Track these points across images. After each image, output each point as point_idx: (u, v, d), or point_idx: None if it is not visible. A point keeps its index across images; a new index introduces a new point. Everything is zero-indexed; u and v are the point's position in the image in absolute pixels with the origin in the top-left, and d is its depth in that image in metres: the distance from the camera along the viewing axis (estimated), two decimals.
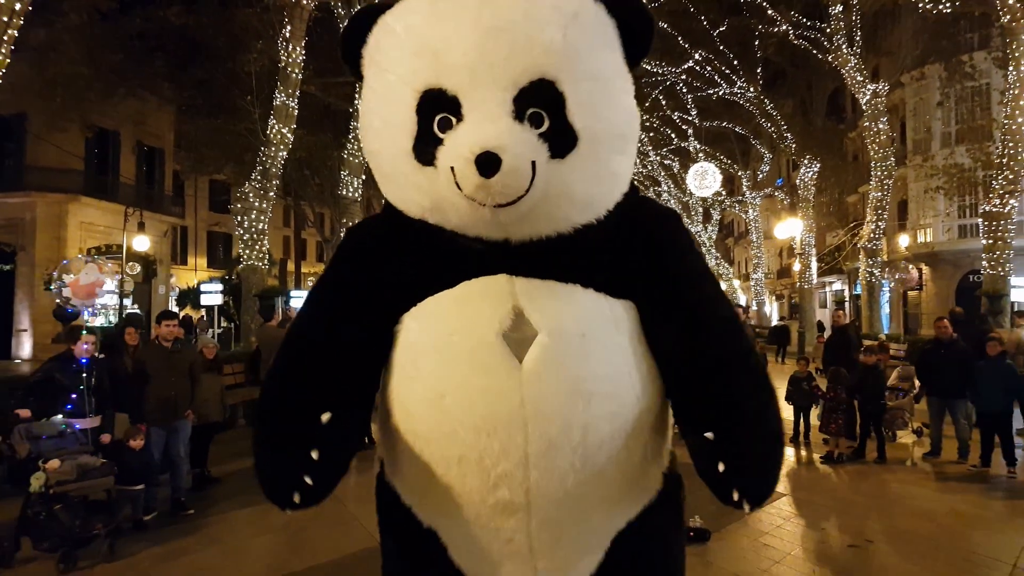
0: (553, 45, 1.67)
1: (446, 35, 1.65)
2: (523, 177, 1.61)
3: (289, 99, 14.92)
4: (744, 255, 46.92)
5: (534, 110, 1.65)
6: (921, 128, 26.31)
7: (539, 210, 1.72)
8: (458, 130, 1.64)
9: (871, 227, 20.31)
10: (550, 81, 1.65)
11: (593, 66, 1.75)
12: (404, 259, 1.90)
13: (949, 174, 19.55)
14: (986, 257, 15.41)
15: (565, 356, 1.76)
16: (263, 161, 14.97)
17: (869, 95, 19.71)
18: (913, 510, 6.34)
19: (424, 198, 1.79)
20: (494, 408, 1.74)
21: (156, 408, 6.25)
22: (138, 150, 25.52)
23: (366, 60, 1.86)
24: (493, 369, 1.74)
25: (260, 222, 14.97)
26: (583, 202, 1.83)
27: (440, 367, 1.79)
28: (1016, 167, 14.96)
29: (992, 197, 15.34)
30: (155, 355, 6.41)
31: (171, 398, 6.32)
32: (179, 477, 6.44)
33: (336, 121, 23.09)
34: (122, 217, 23.20)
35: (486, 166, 1.55)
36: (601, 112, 1.75)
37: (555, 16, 1.70)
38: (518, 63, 1.64)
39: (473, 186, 1.59)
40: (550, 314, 1.78)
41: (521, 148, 1.59)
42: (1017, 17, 14.47)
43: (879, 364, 8.51)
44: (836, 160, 27.19)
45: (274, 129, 14.90)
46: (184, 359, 6.55)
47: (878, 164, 19.89)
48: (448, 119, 1.66)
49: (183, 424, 6.45)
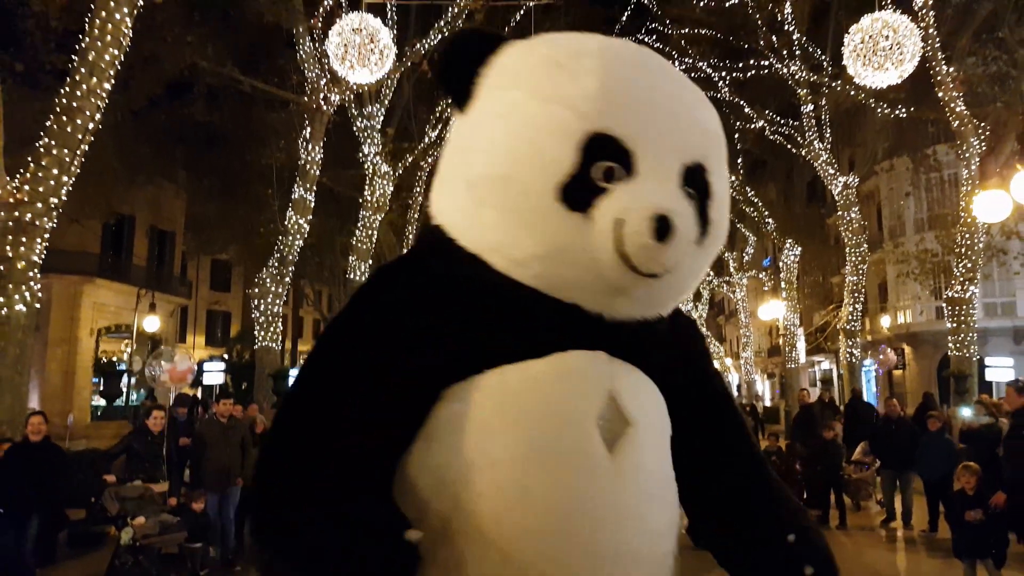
0: (711, 130, 1.68)
1: (632, 87, 1.56)
2: (686, 252, 1.51)
3: (307, 192, 16.53)
4: (735, 333, 48.37)
5: (690, 190, 1.57)
6: (894, 215, 28.27)
7: (661, 291, 1.61)
8: (633, 185, 1.48)
9: (849, 309, 21.84)
10: (704, 167, 1.60)
11: (724, 165, 1.73)
12: (460, 316, 1.56)
13: (920, 260, 21.24)
14: (952, 340, 16.84)
15: (651, 454, 1.63)
16: (280, 249, 16.44)
17: (841, 186, 21.59)
18: (870, 571, 7.49)
19: (542, 244, 1.51)
20: (584, 506, 1.48)
21: (212, 475, 7.43)
22: (151, 233, 27.09)
23: (492, 80, 1.62)
24: (587, 461, 1.49)
25: (275, 305, 16.32)
26: (686, 294, 1.80)
27: (523, 454, 1.47)
28: (974, 256, 16.55)
29: (954, 284, 16.88)
30: (212, 428, 7.64)
31: (225, 467, 7.51)
32: (229, 538, 7.56)
33: (341, 207, 24.78)
34: (131, 297, 24.64)
35: (662, 230, 1.41)
36: (724, 211, 1.70)
37: (708, 104, 1.71)
38: (692, 139, 1.61)
39: (640, 246, 1.43)
40: (642, 404, 1.63)
41: (691, 223, 1.50)
42: (965, 123, 16.33)
43: (836, 439, 9.74)
44: (817, 244, 29.01)
45: (292, 220, 16.43)
46: (237, 432, 7.77)
47: (852, 250, 21.60)
48: (614, 170, 1.48)
49: (234, 490, 7.61)
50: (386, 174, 18.92)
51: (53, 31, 16.13)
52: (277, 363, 16.73)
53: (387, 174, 18.97)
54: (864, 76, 12.72)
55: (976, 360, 17.08)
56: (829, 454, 9.49)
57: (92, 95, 10.36)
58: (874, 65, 12.19)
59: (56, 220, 10.74)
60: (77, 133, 10.32)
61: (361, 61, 12.35)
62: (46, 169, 10.11)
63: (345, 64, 12.47)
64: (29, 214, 10.03)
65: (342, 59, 12.54)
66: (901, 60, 12.15)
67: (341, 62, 12.57)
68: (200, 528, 6.96)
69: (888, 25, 12.25)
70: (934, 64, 15.43)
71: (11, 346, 9.91)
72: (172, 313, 28.87)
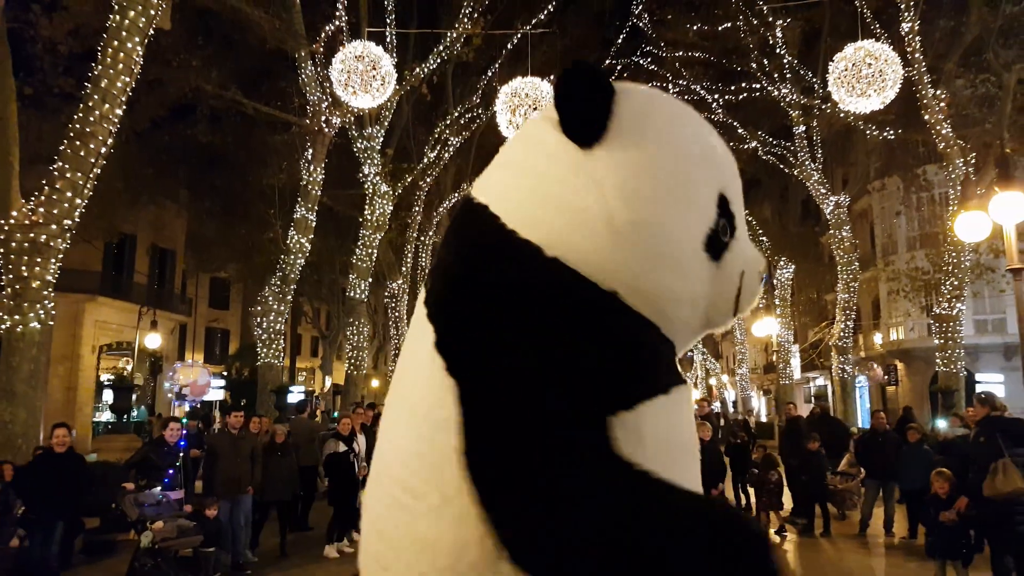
0: None
1: (724, 153, 1.67)
2: None
3: (309, 212, 17.04)
4: (731, 350, 48.83)
5: None
6: (886, 233, 28.85)
7: None
8: (741, 242, 1.62)
9: (840, 327, 22.37)
10: None
11: None
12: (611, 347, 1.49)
13: (911, 277, 21.76)
14: (939, 356, 17.35)
15: None
16: (283, 268, 16.92)
17: (832, 205, 22.17)
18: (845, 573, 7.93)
19: (681, 288, 1.57)
20: None
21: (223, 484, 7.86)
22: (152, 251, 27.57)
23: (627, 126, 1.57)
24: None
25: (278, 323, 16.77)
26: None
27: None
28: (960, 274, 17.10)
29: (941, 301, 17.40)
30: (223, 440, 8.08)
31: (235, 476, 7.94)
32: (239, 543, 7.97)
33: (340, 226, 25.32)
34: (133, 315, 25.07)
35: (764, 281, 1.62)
36: None
37: None
38: None
39: (753, 294, 1.62)
40: None
41: None
42: (951, 145, 16.92)
43: (820, 450, 10.19)
44: (811, 262, 29.56)
45: (293, 239, 16.93)
46: (247, 443, 8.21)
47: (844, 268, 22.15)
48: (727, 227, 1.60)
49: (245, 498, 8.04)
50: (386, 194, 19.45)
51: (61, 55, 16.75)
52: (279, 379, 17.13)
53: (387, 194, 19.51)
54: (848, 103, 13.33)
55: (964, 376, 17.55)
56: (813, 465, 9.93)
57: (104, 120, 10.87)
58: (857, 92, 12.79)
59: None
60: (90, 157, 10.81)
61: (364, 87, 12.93)
62: (60, 192, 10.60)
63: (348, 90, 13.03)
64: (44, 235, 10.51)
65: (345, 85, 13.12)
66: (883, 87, 12.76)
67: (344, 88, 13.14)
68: (213, 534, 7.38)
69: (870, 54, 12.87)
70: (920, 88, 16.03)
71: (25, 363, 10.36)
72: (172, 331, 29.28)
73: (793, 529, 10.06)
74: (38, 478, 6.69)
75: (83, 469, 7.39)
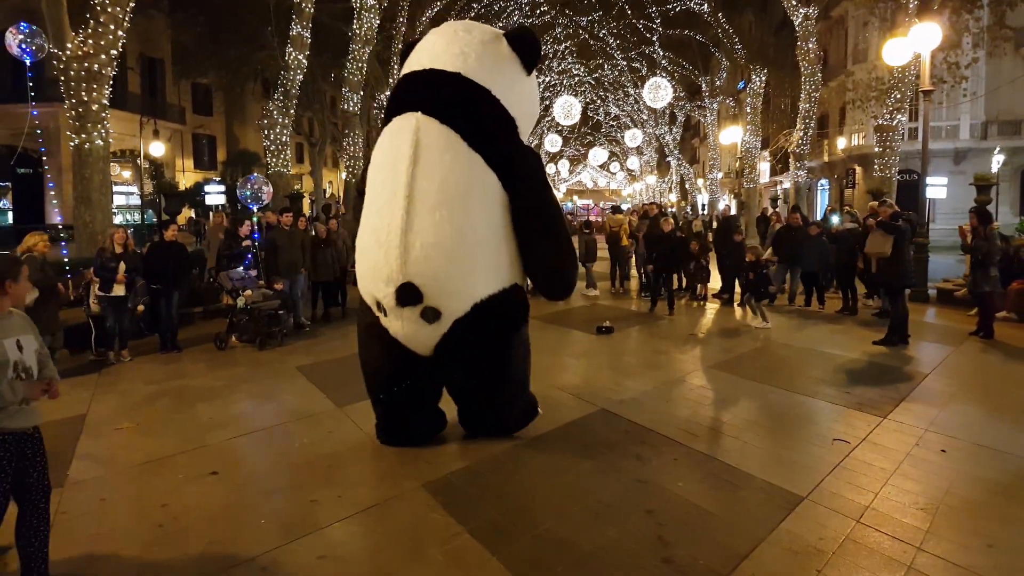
0: None
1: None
2: None
3: (304, 30, 18.60)
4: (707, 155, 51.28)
5: None
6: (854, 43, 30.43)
7: None
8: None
9: (799, 135, 24.80)
10: None
11: None
12: None
13: (870, 87, 23.87)
14: (877, 163, 20.04)
15: None
16: (283, 83, 18.78)
17: (801, 17, 23.73)
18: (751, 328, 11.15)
19: (531, 125, 6.07)
20: None
21: (285, 267, 10.70)
22: (141, 62, 28.69)
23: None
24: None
25: (283, 135, 18.93)
26: None
27: None
28: (904, 88, 19.34)
29: (884, 112, 19.79)
30: (281, 234, 10.82)
31: (293, 261, 10.78)
32: (298, 309, 10.99)
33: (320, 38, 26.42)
34: (133, 124, 26.85)
35: None
36: None
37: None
38: None
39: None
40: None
41: None
42: None
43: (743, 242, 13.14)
44: (786, 71, 31.25)
45: (291, 56, 18.63)
46: (297, 236, 10.98)
47: (807, 79, 24.17)
48: None
49: (300, 278, 10.95)
50: (372, 7, 20.79)
51: None
52: (289, 187, 19.55)
53: (373, 7, 20.84)
54: None
55: (896, 180, 20.36)
56: (735, 253, 12.93)
57: None
58: None
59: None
60: None
61: None
62: (104, 25, 12.41)
63: None
64: (96, 64, 12.47)
65: None
66: None
67: None
68: (282, 301, 10.32)
69: None
70: None
71: (96, 174, 12.77)
72: (170, 138, 31.08)
73: (718, 300, 13.34)
74: (156, 258, 9.39)
75: (185, 253, 10.11)
